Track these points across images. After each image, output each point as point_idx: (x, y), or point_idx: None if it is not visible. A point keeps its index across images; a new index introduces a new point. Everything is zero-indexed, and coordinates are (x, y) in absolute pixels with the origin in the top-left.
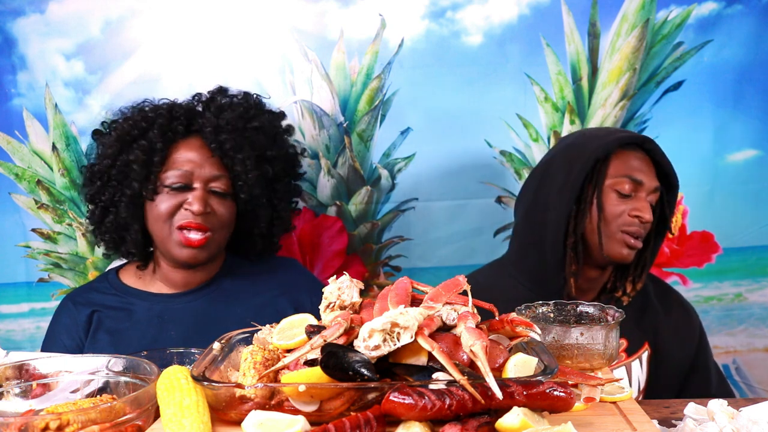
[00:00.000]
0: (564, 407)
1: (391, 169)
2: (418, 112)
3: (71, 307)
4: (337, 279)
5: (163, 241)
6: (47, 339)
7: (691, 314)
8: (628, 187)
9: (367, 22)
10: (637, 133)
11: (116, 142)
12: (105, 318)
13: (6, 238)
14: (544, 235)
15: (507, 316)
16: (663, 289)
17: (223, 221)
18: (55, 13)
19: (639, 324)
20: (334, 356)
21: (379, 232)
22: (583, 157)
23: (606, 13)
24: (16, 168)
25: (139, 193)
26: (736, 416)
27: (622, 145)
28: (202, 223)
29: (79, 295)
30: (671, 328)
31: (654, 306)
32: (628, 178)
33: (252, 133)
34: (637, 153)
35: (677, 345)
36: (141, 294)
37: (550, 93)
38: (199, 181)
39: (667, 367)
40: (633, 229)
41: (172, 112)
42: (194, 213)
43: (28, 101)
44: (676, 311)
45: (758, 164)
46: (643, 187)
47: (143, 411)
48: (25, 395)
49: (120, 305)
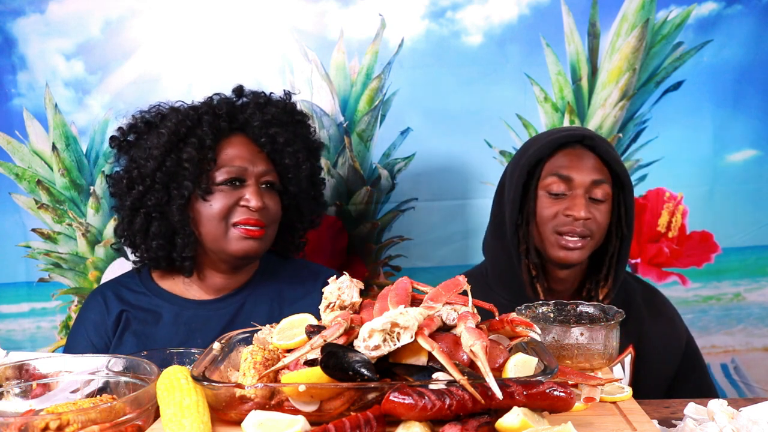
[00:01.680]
0: (564, 407)
1: (391, 169)
2: (418, 112)
3: (102, 304)
4: (337, 279)
5: (217, 240)
6: (74, 334)
7: (676, 322)
8: (556, 186)
9: (367, 22)
10: (577, 130)
11: (164, 142)
12: (133, 319)
13: (6, 238)
14: (504, 245)
15: (507, 316)
16: (650, 294)
17: (276, 216)
18: (55, 13)
19: (623, 327)
20: (334, 356)
21: (379, 232)
22: (520, 164)
23: (606, 13)
24: (16, 168)
25: (193, 193)
26: (736, 416)
27: (562, 145)
28: (260, 219)
29: (110, 291)
30: (656, 334)
31: (639, 310)
32: (556, 177)
33: (298, 127)
34: (576, 150)
35: (662, 351)
36: (172, 298)
37: (549, 93)
38: (252, 177)
39: (650, 371)
40: (566, 229)
41: (216, 110)
42: (252, 209)
43: (28, 101)
44: (662, 317)
45: (758, 164)
46: (575, 183)
47: (143, 411)
48: (25, 395)
49: (149, 307)
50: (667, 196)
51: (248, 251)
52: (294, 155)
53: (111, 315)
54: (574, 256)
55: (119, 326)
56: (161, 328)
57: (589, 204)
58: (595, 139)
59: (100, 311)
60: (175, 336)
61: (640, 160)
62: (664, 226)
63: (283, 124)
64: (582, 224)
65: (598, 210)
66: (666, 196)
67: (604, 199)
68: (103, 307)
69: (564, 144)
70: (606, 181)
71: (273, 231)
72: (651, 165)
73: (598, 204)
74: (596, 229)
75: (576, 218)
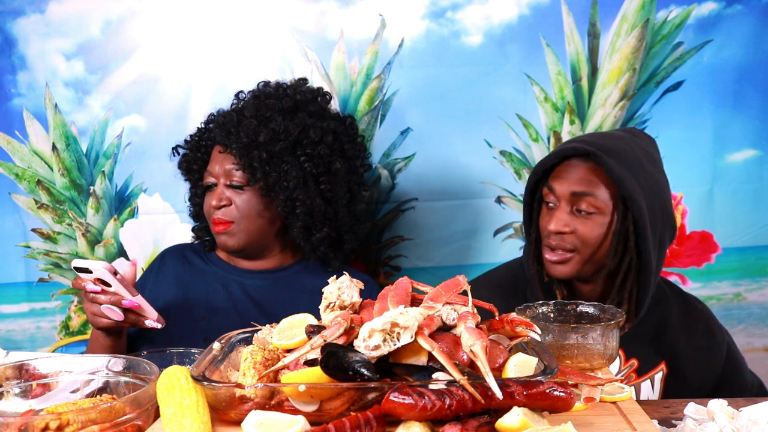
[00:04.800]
0: (564, 407)
1: (391, 169)
2: (418, 112)
3: (158, 260)
4: (337, 279)
5: (213, 234)
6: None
7: (716, 337)
8: (549, 197)
9: (367, 22)
10: (583, 143)
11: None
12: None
13: (6, 238)
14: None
15: (507, 316)
16: (690, 311)
17: (246, 211)
18: (55, 13)
19: (654, 344)
20: (334, 356)
21: (379, 232)
22: (529, 179)
23: (606, 13)
24: (16, 168)
25: (193, 195)
26: (736, 416)
27: (568, 156)
28: (222, 216)
29: (173, 253)
30: (692, 352)
31: (674, 328)
32: (547, 188)
33: (244, 122)
34: (573, 161)
35: (698, 369)
36: (219, 262)
37: (549, 93)
38: (219, 178)
39: (684, 390)
40: (547, 241)
41: (208, 124)
42: (213, 207)
43: (28, 101)
44: (700, 335)
45: (757, 164)
46: (556, 194)
47: (143, 411)
48: (25, 395)
49: (197, 263)
50: None
51: (222, 245)
52: (249, 146)
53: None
54: (559, 270)
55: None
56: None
57: (572, 216)
58: (599, 156)
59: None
60: (212, 294)
61: None
62: None
63: (242, 127)
64: (560, 238)
65: (583, 223)
66: None
67: (591, 211)
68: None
69: (570, 156)
70: (593, 194)
71: (247, 224)
72: None
73: (585, 216)
74: (581, 243)
75: (550, 231)
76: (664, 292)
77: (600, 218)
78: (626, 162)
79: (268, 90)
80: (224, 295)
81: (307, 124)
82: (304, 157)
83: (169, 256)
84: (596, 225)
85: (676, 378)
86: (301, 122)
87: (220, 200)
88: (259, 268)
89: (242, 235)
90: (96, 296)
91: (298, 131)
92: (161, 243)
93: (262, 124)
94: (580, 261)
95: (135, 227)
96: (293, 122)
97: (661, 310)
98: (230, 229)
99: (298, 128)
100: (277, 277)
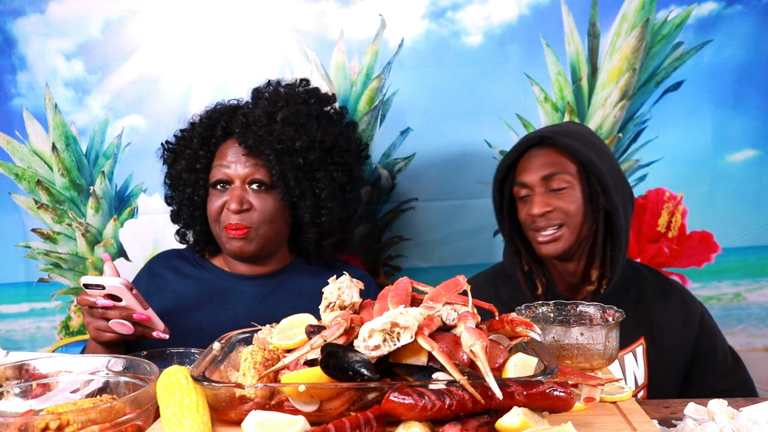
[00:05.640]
0: (564, 407)
1: (391, 169)
2: (418, 112)
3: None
4: (337, 279)
5: (218, 238)
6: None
7: (689, 304)
8: (519, 192)
9: (367, 22)
10: (535, 133)
11: (169, 154)
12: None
13: (6, 238)
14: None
15: (507, 316)
16: (663, 284)
17: (267, 215)
18: (55, 13)
19: (633, 318)
20: (334, 356)
21: (379, 232)
22: (494, 177)
23: (606, 13)
24: (16, 168)
25: (192, 197)
26: (736, 416)
27: (528, 148)
28: (240, 222)
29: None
30: (668, 321)
31: (649, 299)
32: (517, 184)
33: (277, 126)
34: (531, 153)
35: (675, 337)
36: (213, 269)
37: (549, 93)
38: (237, 179)
39: (665, 358)
40: (534, 226)
41: (211, 118)
42: (231, 211)
43: (28, 101)
44: (673, 303)
45: (757, 164)
46: (529, 184)
47: (143, 411)
48: (25, 395)
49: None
50: (667, 196)
51: (236, 251)
52: (267, 156)
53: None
54: (552, 248)
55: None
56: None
57: (549, 196)
58: (553, 138)
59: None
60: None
61: (640, 160)
62: (664, 226)
63: (262, 126)
64: (546, 218)
65: (560, 199)
66: (666, 196)
67: (564, 186)
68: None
69: (528, 147)
70: (561, 171)
71: (266, 230)
72: (651, 165)
73: (560, 192)
74: (566, 216)
75: (534, 216)
76: (639, 271)
77: (573, 192)
78: (577, 139)
79: (296, 92)
80: (223, 304)
81: (336, 133)
82: (333, 166)
83: (158, 266)
84: (572, 197)
85: (655, 347)
86: (333, 131)
87: (241, 204)
88: (259, 272)
89: (259, 241)
90: (106, 312)
91: (331, 140)
92: (161, 243)
93: (300, 131)
94: (570, 234)
95: (135, 227)
96: (327, 131)
97: (638, 286)
98: (248, 234)
99: (331, 137)
100: (277, 281)
